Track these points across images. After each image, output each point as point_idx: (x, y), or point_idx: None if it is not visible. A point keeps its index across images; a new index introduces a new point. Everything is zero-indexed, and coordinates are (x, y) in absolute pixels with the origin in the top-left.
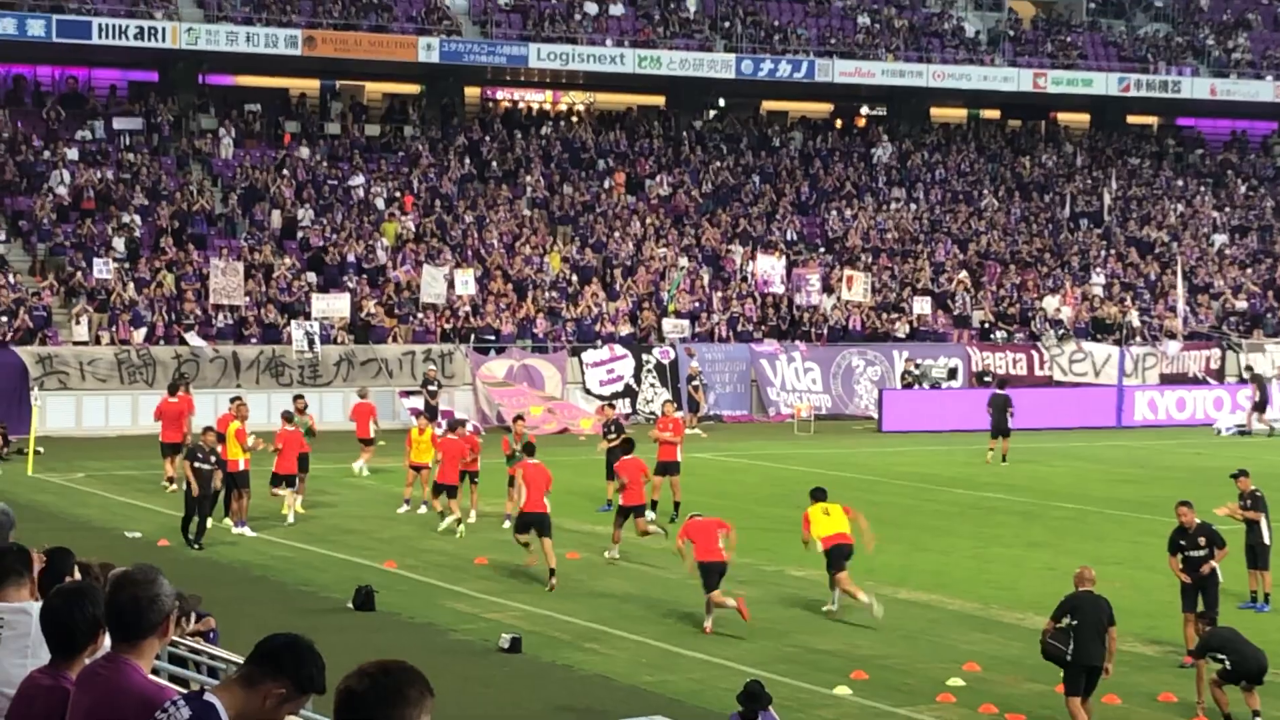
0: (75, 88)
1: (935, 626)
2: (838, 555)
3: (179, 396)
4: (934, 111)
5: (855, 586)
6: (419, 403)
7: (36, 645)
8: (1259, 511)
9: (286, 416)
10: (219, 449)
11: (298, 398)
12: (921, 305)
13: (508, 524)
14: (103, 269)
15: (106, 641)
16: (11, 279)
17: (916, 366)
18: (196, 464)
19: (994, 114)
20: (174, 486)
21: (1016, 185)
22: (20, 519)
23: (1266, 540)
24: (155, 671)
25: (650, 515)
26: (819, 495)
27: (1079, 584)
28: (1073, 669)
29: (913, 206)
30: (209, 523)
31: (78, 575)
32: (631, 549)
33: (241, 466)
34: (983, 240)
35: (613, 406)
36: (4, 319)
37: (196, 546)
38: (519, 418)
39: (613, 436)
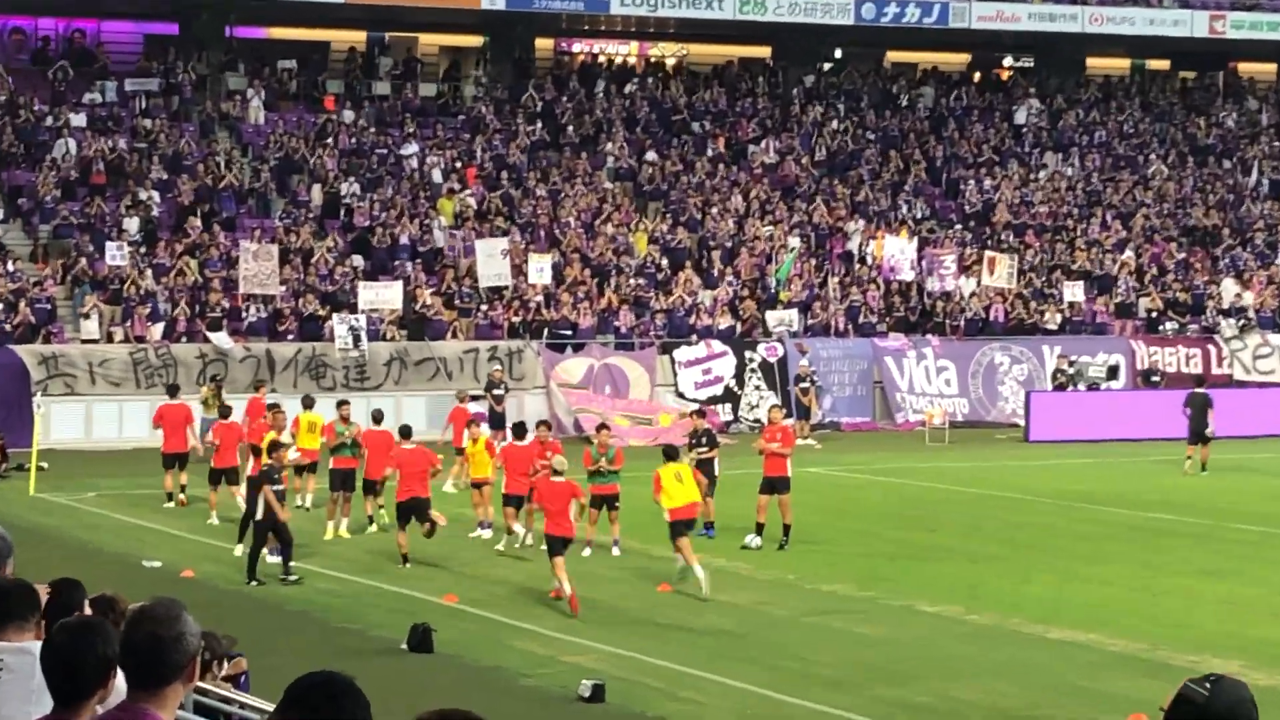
0: (83, 43)
1: (1093, 671)
2: (683, 527)
3: (225, 409)
4: (1090, 62)
5: (694, 557)
6: (482, 409)
7: (40, 690)
8: None
9: (376, 418)
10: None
11: (342, 403)
12: (1076, 292)
13: (587, 550)
14: (115, 254)
15: (121, 687)
16: (9, 266)
17: (1070, 364)
18: (275, 488)
19: (1162, 65)
20: (213, 516)
21: (1190, 149)
22: (21, 546)
23: None
24: None
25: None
26: (671, 454)
27: None
28: None
29: (1066, 175)
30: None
31: (88, 611)
32: (729, 579)
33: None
34: (1149, 214)
35: (702, 414)
36: (0, 313)
37: (256, 582)
38: (603, 427)
39: (704, 449)
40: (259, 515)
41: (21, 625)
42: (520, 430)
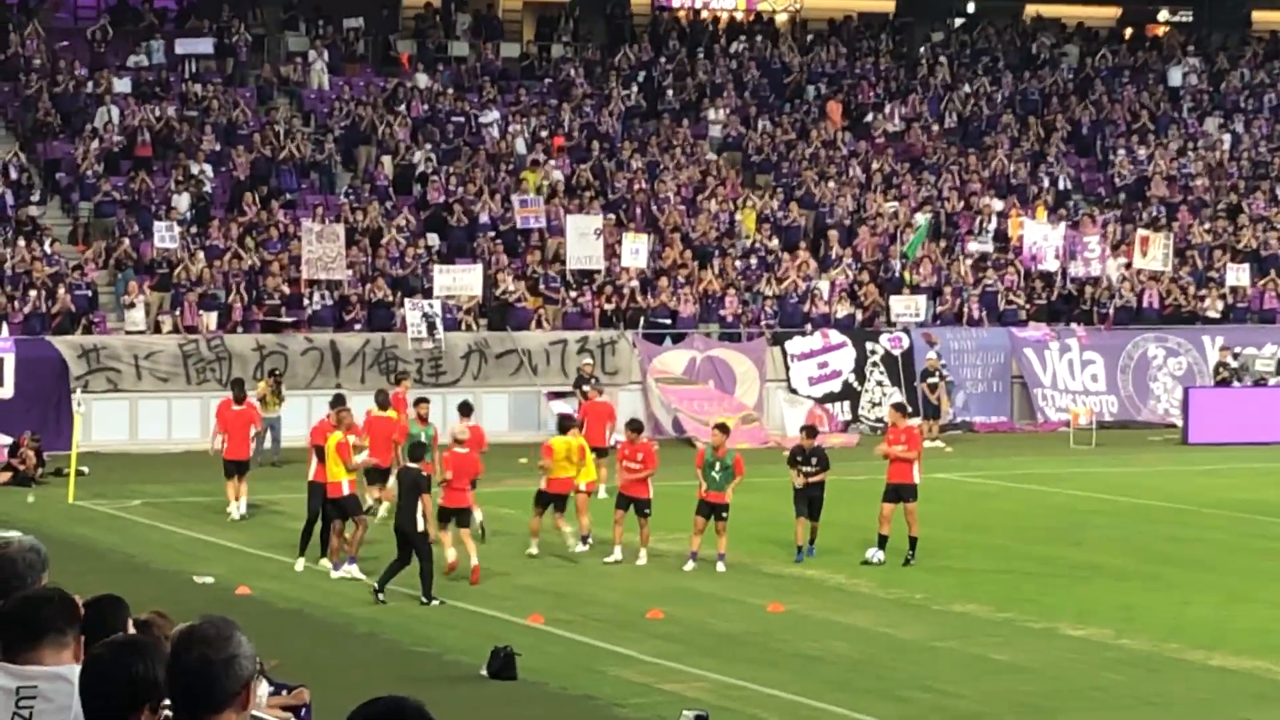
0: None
1: (1261, 703)
2: (555, 500)
3: (245, 404)
4: (1257, 16)
5: (566, 523)
6: (571, 407)
7: None
8: None
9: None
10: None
11: (420, 401)
12: (1241, 275)
13: (690, 565)
14: (164, 235)
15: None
16: (47, 249)
17: (1235, 357)
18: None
19: None
20: (232, 509)
21: None
22: (57, 560)
23: None
24: None
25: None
26: (566, 424)
27: None
28: None
29: (1228, 143)
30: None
31: (132, 632)
32: (849, 598)
33: (345, 490)
34: None
35: (813, 433)
36: (37, 301)
37: (435, 600)
38: (721, 427)
39: (812, 469)
40: (421, 527)
41: (59, 641)
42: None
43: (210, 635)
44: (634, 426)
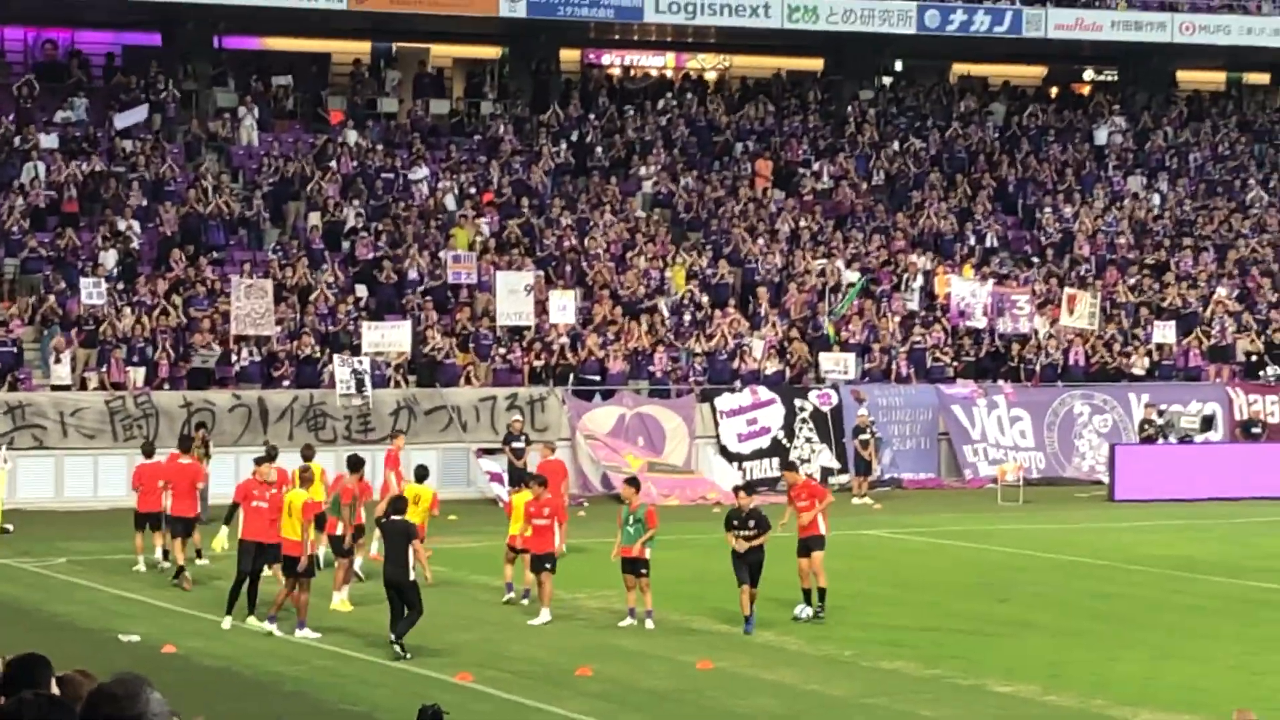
0: (54, 55)
1: None
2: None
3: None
4: (1181, 76)
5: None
6: (500, 465)
7: None
8: None
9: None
10: None
11: (355, 462)
12: (1166, 333)
13: (626, 621)
14: (91, 292)
15: None
16: None
17: (1160, 414)
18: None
19: (1262, 79)
20: (140, 563)
21: None
22: None
23: None
24: None
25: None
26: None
27: None
28: None
29: (1154, 201)
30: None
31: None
32: (778, 655)
33: (306, 550)
34: (1248, 246)
35: (750, 491)
36: None
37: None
38: (631, 481)
39: (750, 533)
40: (413, 576)
41: None
42: (543, 480)
43: (118, 694)
44: (541, 481)
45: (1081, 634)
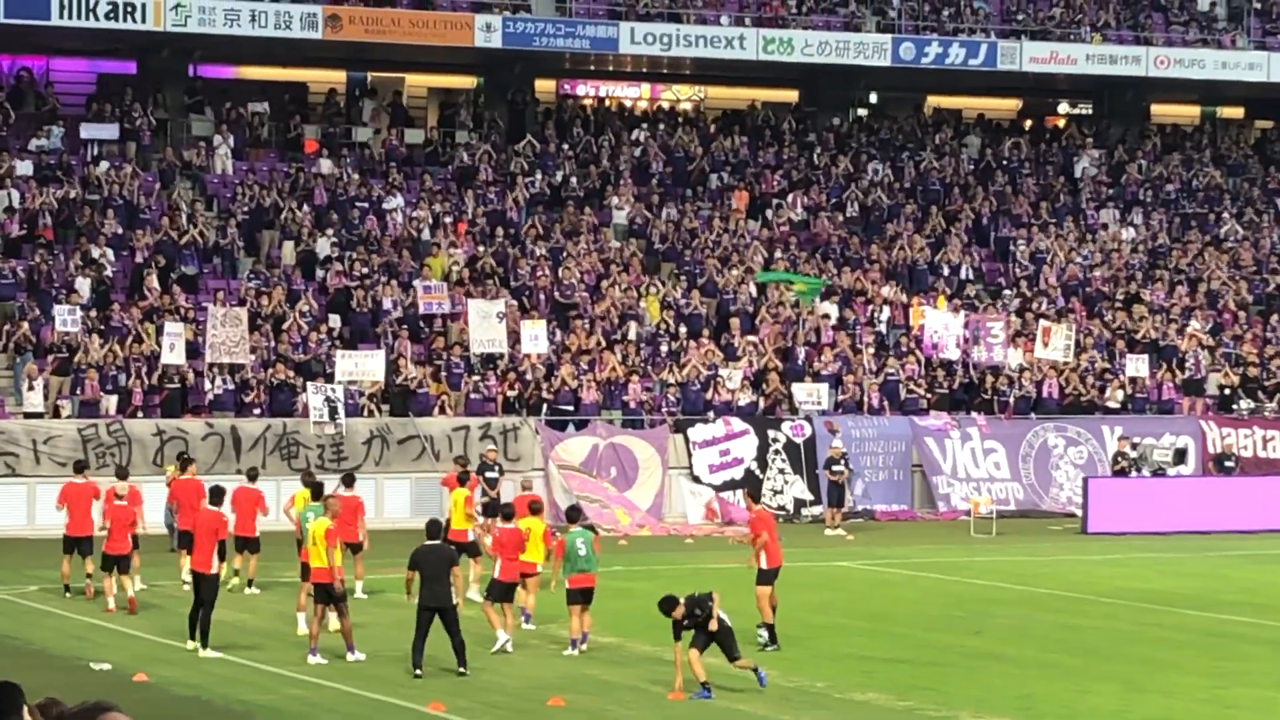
0: (29, 83)
1: None
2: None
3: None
4: (1156, 110)
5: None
6: (476, 494)
7: None
8: None
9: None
10: None
11: (325, 496)
12: (1140, 366)
13: (597, 649)
14: (65, 319)
15: None
16: None
17: (1134, 447)
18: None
19: (1236, 113)
20: (110, 603)
21: (1268, 205)
22: None
23: None
24: None
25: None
26: (315, 489)
27: None
28: None
29: (1128, 234)
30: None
31: None
32: (751, 686)
33: (335, 576)
34: (1222, 279)
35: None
36: None
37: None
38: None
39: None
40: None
41: None
42: (509, 512)
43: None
44: (506, 515)
45: (1053, 666)
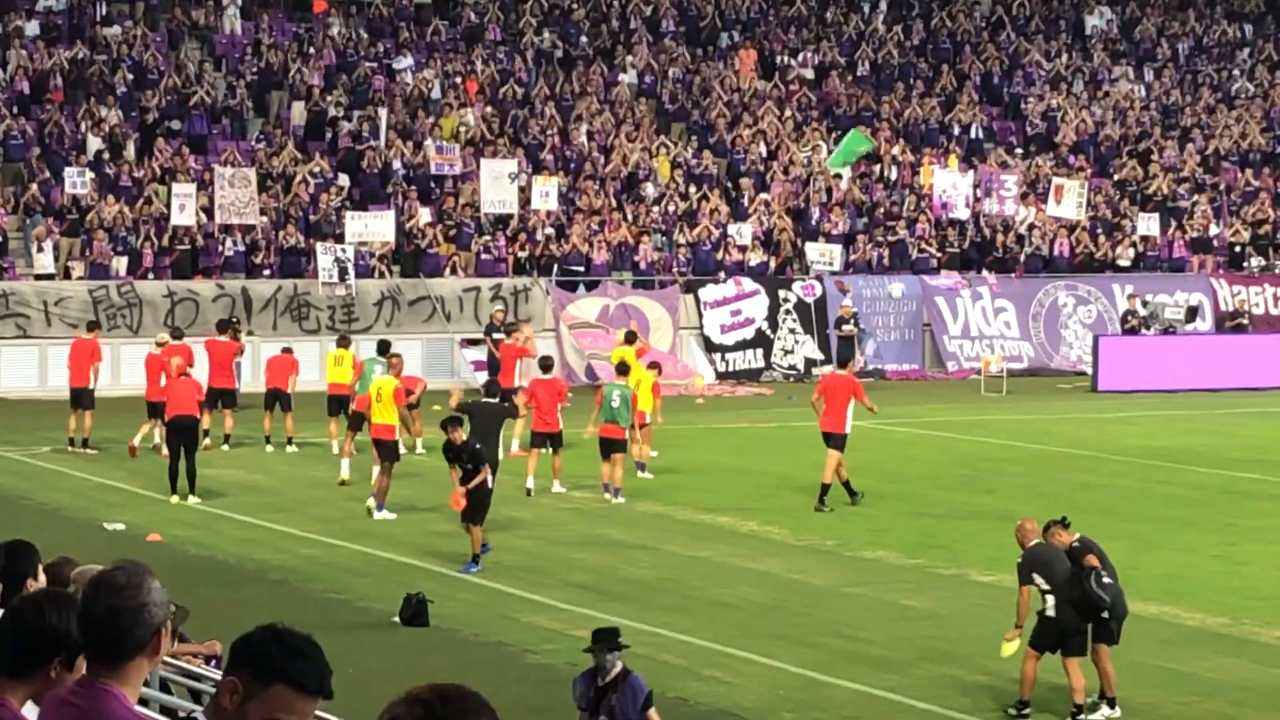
0: None
1: (1168, 649)
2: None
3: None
4: None
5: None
6: (483, 354)
7: None
8: None
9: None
10: None
11: (390, 353)
12: (1151, 224)
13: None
14: (74, 180)
15: (82, 663)
16: None
17: (1144, 305)
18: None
19: None
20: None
21: None
22: None
23: None
24: (143, 701)
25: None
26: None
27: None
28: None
29: (1140, 91)
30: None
31: (42, 580)
32: (761, 544)
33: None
34: (1233, 135)
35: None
36: None
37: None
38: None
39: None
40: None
41: None
42: (547, 364)
43: (120, 582)
44: (544, 366)
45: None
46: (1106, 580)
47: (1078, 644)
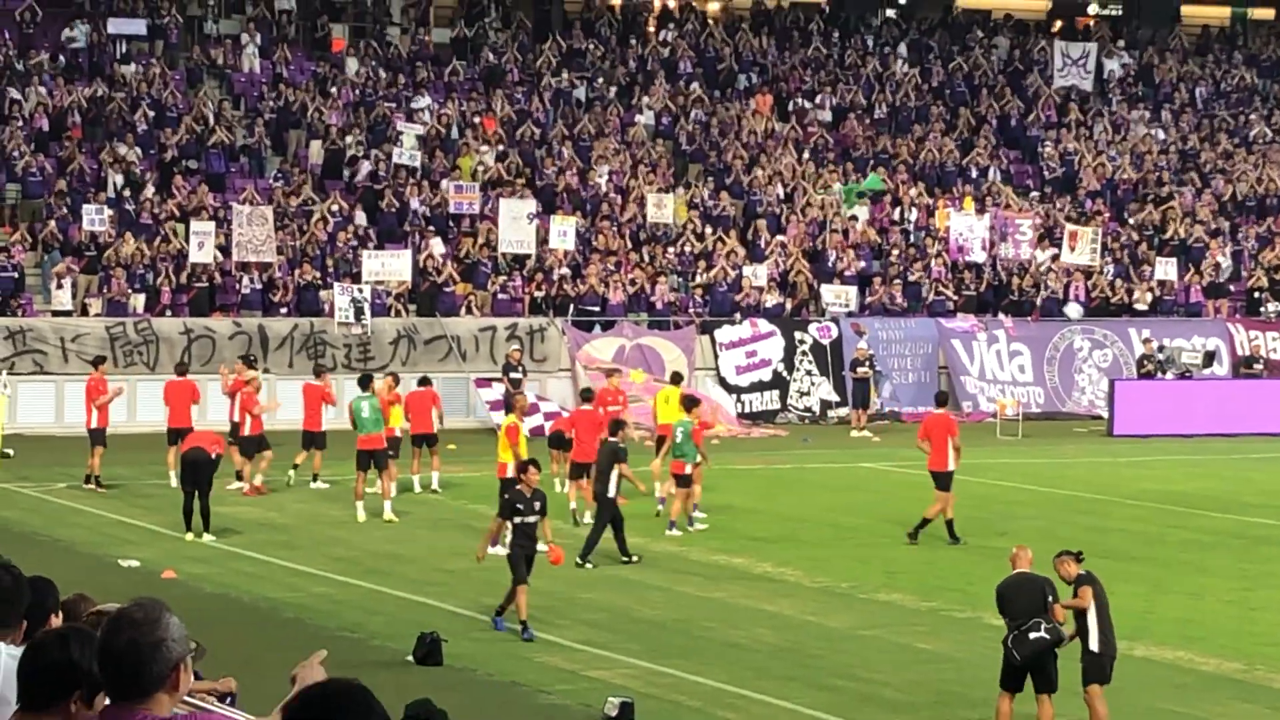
0: None
1: (1183, 693)
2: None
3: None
4: (1186, 10)
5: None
6: (498, 394)
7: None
8: None
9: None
10: None
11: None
12: (1167, 269)
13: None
14: (93, 217)
15: (101, 699)
16: None
17: (1160, 350)
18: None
19: (1267, 14)
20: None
21: None
22: None
23: None
24: None
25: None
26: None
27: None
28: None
29: (1157, 136)
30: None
31: (60, 617)
32: (775, 586)
33: (510, 472)
34: (1251, 181)
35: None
36: None
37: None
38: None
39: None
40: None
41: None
42: (588, 395)
43: (138, 619)
44: (585, 397)
45: None
46: (1039, 636)
47: (1042, 680)
